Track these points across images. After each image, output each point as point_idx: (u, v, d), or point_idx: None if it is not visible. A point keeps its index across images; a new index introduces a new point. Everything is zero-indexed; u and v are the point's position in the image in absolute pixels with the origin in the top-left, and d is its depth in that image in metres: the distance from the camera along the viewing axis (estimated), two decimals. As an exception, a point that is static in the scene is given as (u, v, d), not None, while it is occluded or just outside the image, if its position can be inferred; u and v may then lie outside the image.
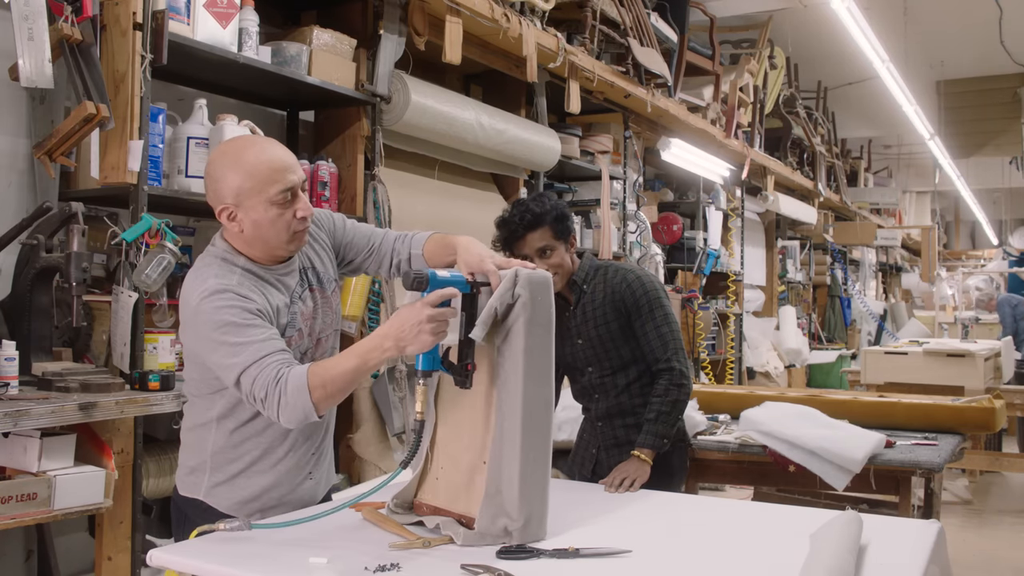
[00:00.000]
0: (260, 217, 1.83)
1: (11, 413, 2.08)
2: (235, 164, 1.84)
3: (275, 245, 1.88)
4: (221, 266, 1.87)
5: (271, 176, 1.82)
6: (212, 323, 1.78)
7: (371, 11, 3.61)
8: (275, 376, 1.74)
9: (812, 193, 9.27)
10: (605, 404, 2.69)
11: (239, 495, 1.97)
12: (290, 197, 1.84)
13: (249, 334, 1.77)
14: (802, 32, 7.70)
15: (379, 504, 2.07)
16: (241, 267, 1.88)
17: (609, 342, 2.62)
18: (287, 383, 1.73)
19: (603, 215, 5.21)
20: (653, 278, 2.68)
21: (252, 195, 1.82)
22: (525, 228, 2.51)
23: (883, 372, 5.70)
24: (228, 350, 1.76)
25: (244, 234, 1.87)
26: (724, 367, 7.26)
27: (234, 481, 1.98)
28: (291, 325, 1.92)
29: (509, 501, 1.80)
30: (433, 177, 4.21)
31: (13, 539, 2.76)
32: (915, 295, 15.39)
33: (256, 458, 1.97)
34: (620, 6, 4.88)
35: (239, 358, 1.75)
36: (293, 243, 1.90)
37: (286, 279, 1.94)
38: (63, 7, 2.49)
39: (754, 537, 1.95)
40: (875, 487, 3.04)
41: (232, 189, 1.83)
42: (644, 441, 2.51)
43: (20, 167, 2.80)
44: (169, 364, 2.74)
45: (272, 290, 1.90)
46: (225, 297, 1.79)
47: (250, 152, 1.86)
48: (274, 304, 1.88)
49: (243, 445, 1.96)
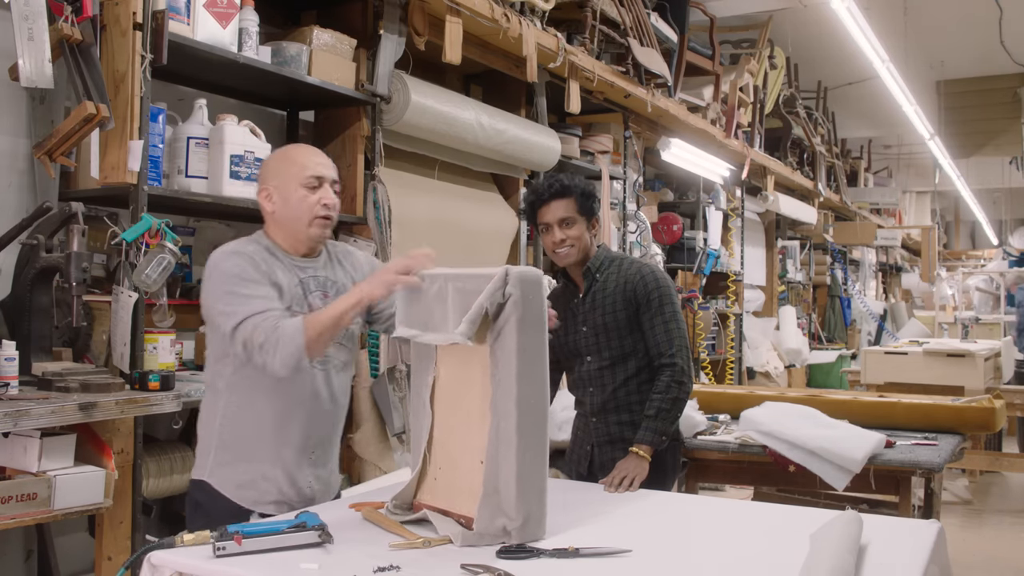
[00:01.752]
0: (290, 195, 2.12)
1: (11, 413, 2.08)
2: (282, 154, 2.24)
3: (298, 227, 2.13)
4: (246, 241, 2.15)
5: (305, 164, 2.15)
6: (224, 276, 2.03)
7: (371, 11, 3.61)
8: (274, 324, 1.95)
9: (812, 193, 9.27)
10: (600, 398, 2.68)
11: (240, 477, 2.09)
12: (318, 184, 2.13)
13: (255, 290, 2.01)
14: (802, 32, 7.70)
15: (379, 504, 2.07)
16: (263, 245, 2.14)
17: (613, 331, 2.63)
18: (284, 328, 1.95)
19: (603, 215, 5.22)
20: (667, 276, 2.71)
21: (287, 176, 2.13)
22: (552, 195, 2.60)
23: (883, 372, 5.70)
24: (233, 299, 1.99)
25: (275, 214, 2.15)
26: (724, 367, 7.26)
27: (235, 464, 2.10)
28: (297, 305, 2.11)
29: (507, 500, 1.80)
30: (433, 177, 4.21)
31: (13, 539, 2.76)
32: (915, 295, 15.39)
33: (257, 437, 2.10)
34: (620, 6, 4.88)
35: (243, 307, 1.98)
36: (313, 228, 2.14)
37: (299, 271, 2.15)
38: (63, 7, 2.48)
39: (754, 537, 1.95)
40: (875, 487, 3.04)
41: (273, 171, 2.17)
42: (643, 438, 2.51)
43: (20, 167, 2.80)
44: (169, 364, 2.74)
45: (283, 269, 2.12)
46: (241, 257, 2.06)
47: (296, 149, 2.26)
48: (281, 281, 2.09)
49: (246, 421, 2.10)
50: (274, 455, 2.11)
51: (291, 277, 2.12)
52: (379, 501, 2.10)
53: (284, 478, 2.12)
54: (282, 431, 2.11)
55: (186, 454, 2.94)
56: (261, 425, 2.10)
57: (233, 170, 2.96)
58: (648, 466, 2.46)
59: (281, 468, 2.11)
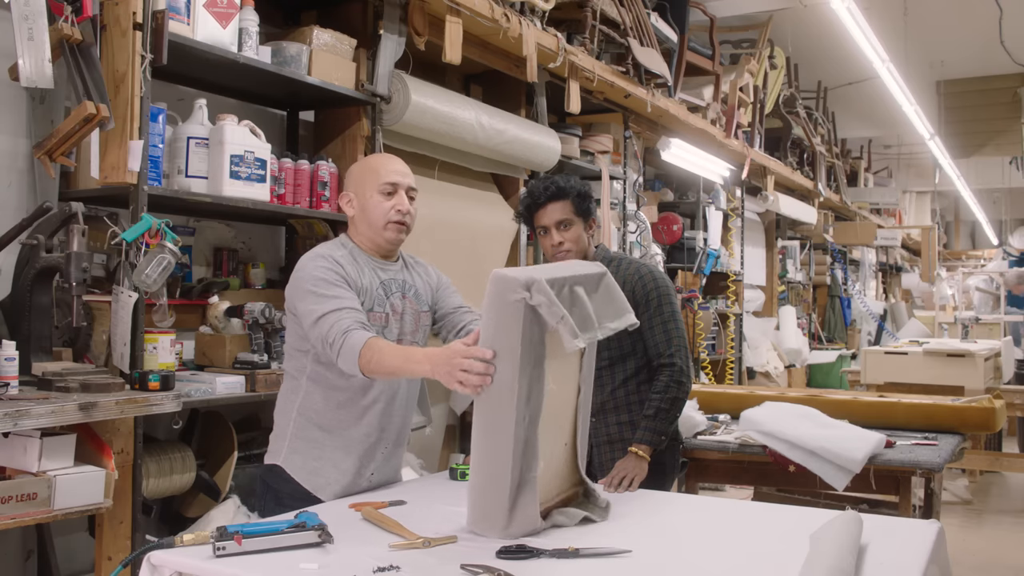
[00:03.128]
0: (367, 201, 2.29)
1: (11, 413, 2.08)
2: (364, 163, 2.46)
3: (374, 230, 2.29)
4: (332, 245, 2.32)
5: (383, 173, 2.31)
6: (310, 277, 2.16)
7: (371, 11, 3.61)
8: (345, 328, 2.05)
9: (812, 193, 9.27)
10: (599, 398, 2.68)
11: (312, 464, 2.21)
12: (393, 191, 2.29)
13: (337, 292, 2.13)
14: (802, 32, 7.70)
15: (379, 504, 2.07)
16: (348, 249, 2.30)
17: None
18: (348, 339, 2.03)
19: (603, 215, 5.21)
20: (665, 276, 2.72)
21: (367, 183, 2.31)
22: (548, 198, 2.60)
23: (883, 372, 5.70)
24: (316, 298, 2.12)
25: (355, 218, 2.33)
26: (724, 367, 7.26)
27: (308, 452, 2.21)
28: (379, 305, 2.25)
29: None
30: (433, 177, 4.21)
31: (13, 539, 2.76)
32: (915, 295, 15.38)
33: (333, 428, 2.22)
34: (620, 6, 4.88)
35: (323, 305, 2.10)
36: (388, 231, 2.29)
37: (381, 272, 2.30)
38: (63, 7, 2.48)
39: (754, 537, 1.95)
40: (875, 487, 3.04)
41: (355, 179, 2.36)
42: (643, 438, 2.51)
43: (20, 167, 2.80)
44: (169, 364, 2.74)
45: (367, 271, 2.27)
46: (327, 260, 2.20)
47: (377, 158, 2.49)
48: (364, 283, 2.23)
49: (324, 411, 2.21)
50: (347, 446, 2.22)
51: (373, 279, 2.27)
52: (379, 501, 2.11)
53: (354, 469, 2.23)
54: (358, 424, 2.23)
55: (186, 454, 2.94)
56: (338, 417, 2.22)
57: (233, 170, 2.96)
58: (647, 466, 2.46)
59: (354, 459, 2.23)
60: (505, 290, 1.81)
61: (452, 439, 4.64)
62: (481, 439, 1.87)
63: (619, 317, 2.08)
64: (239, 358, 3.02)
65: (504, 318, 1.81)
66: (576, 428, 2.12)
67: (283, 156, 3.32)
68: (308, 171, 3.37)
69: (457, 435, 4.64)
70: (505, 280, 1.82)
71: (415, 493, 2.26)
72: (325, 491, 2.21)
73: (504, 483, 1.84)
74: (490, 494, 1.85)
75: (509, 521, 1.84)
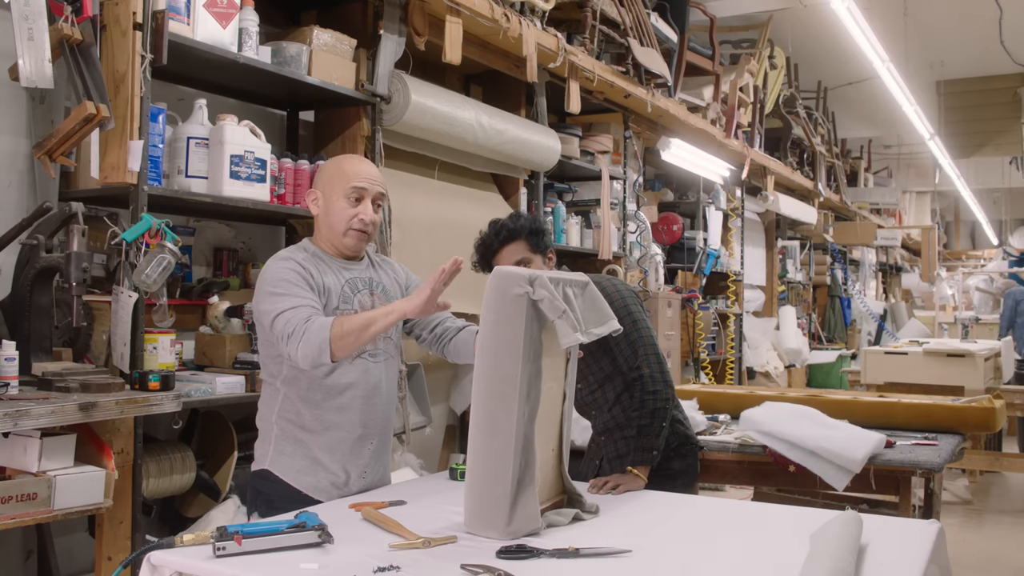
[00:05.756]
0: (332, 204, 2.28)
1: (11, 413, 2.08)
2: (336, 163, 2.38)
3: (334, 233, 2.28)
4: (294, 248, 2.31)
5: (353, 177, 2.28)
6: (272, 279, 2.17)
7: (371, 11, 3.61)
8: (307, 316, 2.08)
9: (812, 193, 9.27)
10: (602, 420, 2.70)
11: (299, 464, 2.21)
12: (359, 197, 2.27)
13: (296, 292, 2.14)
14: (802, 32, 7.70)
15: (379, 504, 2.07)
16: (310, 252, 2.29)
17: (588, 356, 2.61)
18: (313, 322, 2.07)
19: (603, 215, 5.22)
20: (622, 287, 2.68)
21: (335, 185, 2.28)
22: (501, 242, 2.56)
23: (883, 372, 5.70)
24: (276, 299, 2.13)
25: (318, 218, 2.32)
26: (724, 367, 7.26)
27: (294, 454, 2.21)
28: (345, 303, 2.25)
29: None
30: (433, 177, 4.21)
31: (13, 539, 2.76)
32: (915, 295, 15.38)
33: (315, 429, 2.22)
34: (620, 6, 4.88)
35: (281, 304, 2.11)
36: (347, 238, 2.28)
37: (345, 271, 2.30)
38: (63, 7, 2.48)
39: (754, 537, 1.95)
40: (875, 487, 3.03)
41: (324, 179, 2.33)
42: (635, 459, 2.51)
43: (20, 167, 2.80)
44: (169, 364, 2.74)
45: (329, 273, 2.26)
46: (288, 262, 2.21)
47: (350, 160, 2.40)
48: (328, 282, 2.23)
49: (304, 414, 2.21)
50: (331, 444, 2.23)
51: (337, 278, 2.27)
52: (379, 501, 2.10)
53: (342, 468, 2.24)
54: (339, 422, 2.23)
55: (186, 454, 2.94)
56: (318, 416, 2.22)
57: (233, 170, 2.96)
58: (643, 483, 2.46)
59: (340, 457, 2.23)
60: (508, 285, 1.87)
61: (452, 439, 4.64)
62: (480, 436, 1.87)
63: (603, 323, 2.08)
64: (239, 358, 3.02)
65: (506, 312, 1.86)
66: (561, 435, 2.12)
67: (283, 156, 3.32)
68: (308, 171, 3.37)
69: (457, 435, 4.64)
70: (508, 275, 1.90)
71: (415, 493, 2.26)
72: (316, 490, 2.21)
73: (505, 480, 1.84)
74: (490, 492, 1.85)
75: (510, 519, 1.84)
